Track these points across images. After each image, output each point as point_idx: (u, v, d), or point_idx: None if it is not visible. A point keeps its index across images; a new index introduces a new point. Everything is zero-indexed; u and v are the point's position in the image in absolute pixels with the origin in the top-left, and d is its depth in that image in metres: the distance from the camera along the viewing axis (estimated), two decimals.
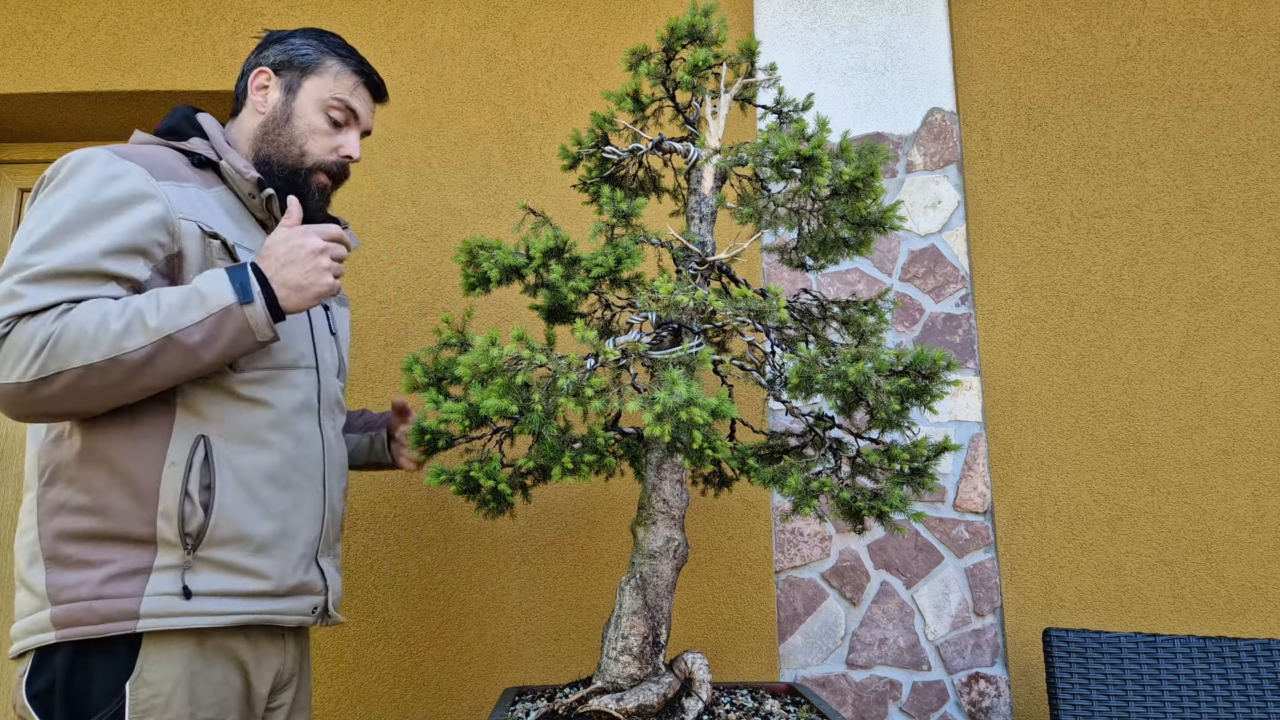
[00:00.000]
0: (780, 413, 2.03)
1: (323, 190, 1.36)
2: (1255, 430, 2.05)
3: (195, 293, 1.10)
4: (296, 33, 1.37)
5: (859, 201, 1.34)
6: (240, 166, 1.26)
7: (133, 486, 1.11)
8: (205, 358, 1.11)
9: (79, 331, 1.05)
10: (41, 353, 1.04)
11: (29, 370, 1.04)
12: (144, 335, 1.06)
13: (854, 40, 2.25)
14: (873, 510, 1.27)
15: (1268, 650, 1.73)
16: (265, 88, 1.33)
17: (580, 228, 2.11)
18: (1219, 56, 2.22)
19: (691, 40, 1.44)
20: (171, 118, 1.31)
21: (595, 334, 1.20)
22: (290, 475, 1.23)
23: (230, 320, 1.10)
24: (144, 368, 1.07)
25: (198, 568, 1.13)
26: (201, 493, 1.13)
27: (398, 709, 1.92)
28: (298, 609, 1.23)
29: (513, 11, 2.25)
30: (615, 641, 1.29)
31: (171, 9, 2.23)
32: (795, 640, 1.98)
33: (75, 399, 1.07)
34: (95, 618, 1.07)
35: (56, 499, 1.12)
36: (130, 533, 1.10)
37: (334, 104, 1.34)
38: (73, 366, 1.04)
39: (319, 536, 1.27)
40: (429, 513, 2.01)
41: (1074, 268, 2.13)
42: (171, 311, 1.08)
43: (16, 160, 2.37)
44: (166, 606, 1.10)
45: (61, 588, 1.09)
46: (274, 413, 1.22)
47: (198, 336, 1.09)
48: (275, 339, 1.16)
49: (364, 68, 1.38)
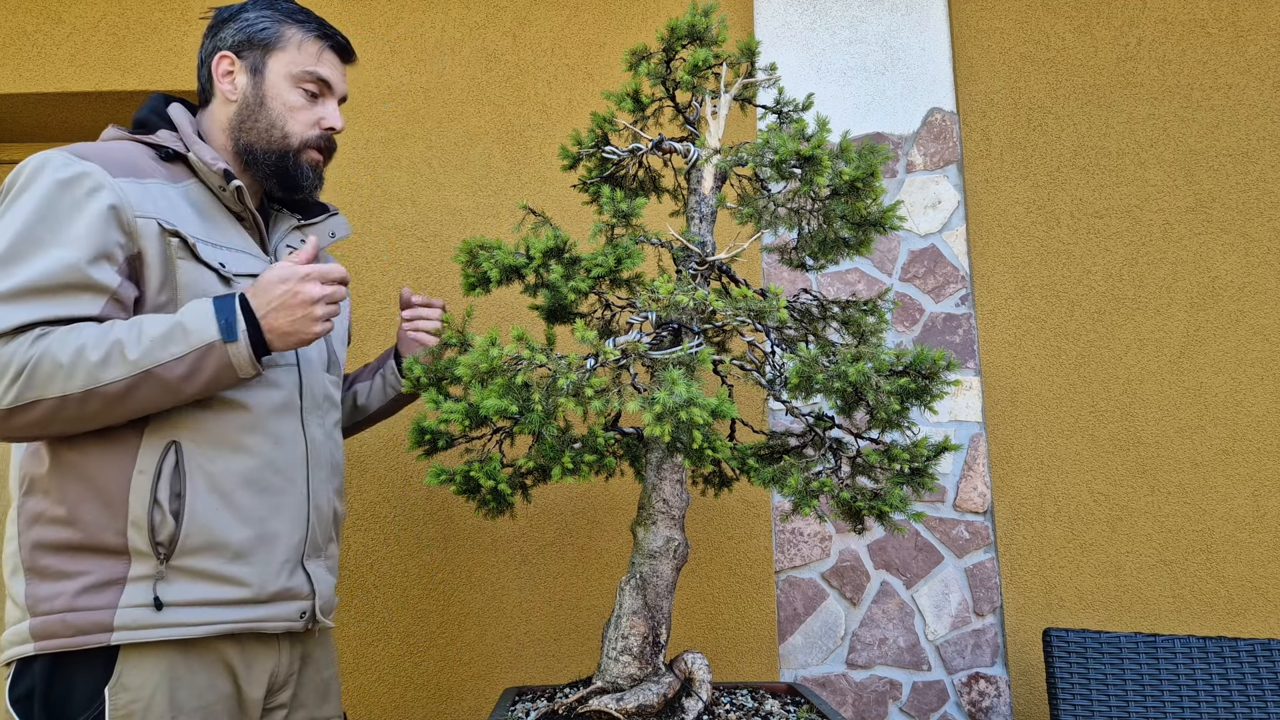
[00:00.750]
0: (780, 413, 2.03)
1: (315, 167, 1.32)
2: (1255, 430, 2.05)
3: (179, 326, 1.08)
4: (247, 5, 1.31)
5: (859, 201, 1.34)
6: (208, 158, 1.21)
7: (104, 496, 1.09)
8: (188, 390, 1.09)
9: (54, 362, 1.03)
10: (18, 381, 1.02)
11: (4, 398, 1.02)
12: (123, 368, 1.05)
13: (854, 40, 2.25)
14: (873, 510, 1.27)
15: (1268, 650, 1.74)
16: (230, 73, 1.28)
17: (580, 228, 2.11)
18: (1219, 56, 2.22)
19: (691, 40, 1.44)
20: (143, 108, 1.28)
21: (595, 334, 1.20)
22: (269, 478, 1.19)
23: (212, 357, 1.08)
24: (123, 399, 1.06)
25: (172, 577, 1.10)
26: (172, 500, 1.10)
27: (398, 709, 1.92)
28: (282, 615, 1.20)
29: (513, 11, 2.25)
30: (615, 641, 1.29)
31: (171, 9, 2.23)
32: (795, 640, 1.98)
33: (53, 425, 1.06)
34: (70, 630, 1.06)
35: (34, 509, 1.11)
36: (103, 543, 1.08)
37: (304, 77, 1.29)
38: (49, 397, 1.03)
39: (304, 540, 1.24)
40: (429, 513, 2.01)
41: (1074, 268, 2.13)
42: (153, 346, 1.06)
43: (17, 160, 2.37)
44: (140, 619, 1.08)
45: (39, 599, 1.08)
46: (250, 415, 1.18)
47: (179, 371, 1.07)
48: (259, 374, 1.14)
49: (325, 29, 1.32)
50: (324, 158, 1.34)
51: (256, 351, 1.12)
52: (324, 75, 1.31)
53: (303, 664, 1.29)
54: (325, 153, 1.34)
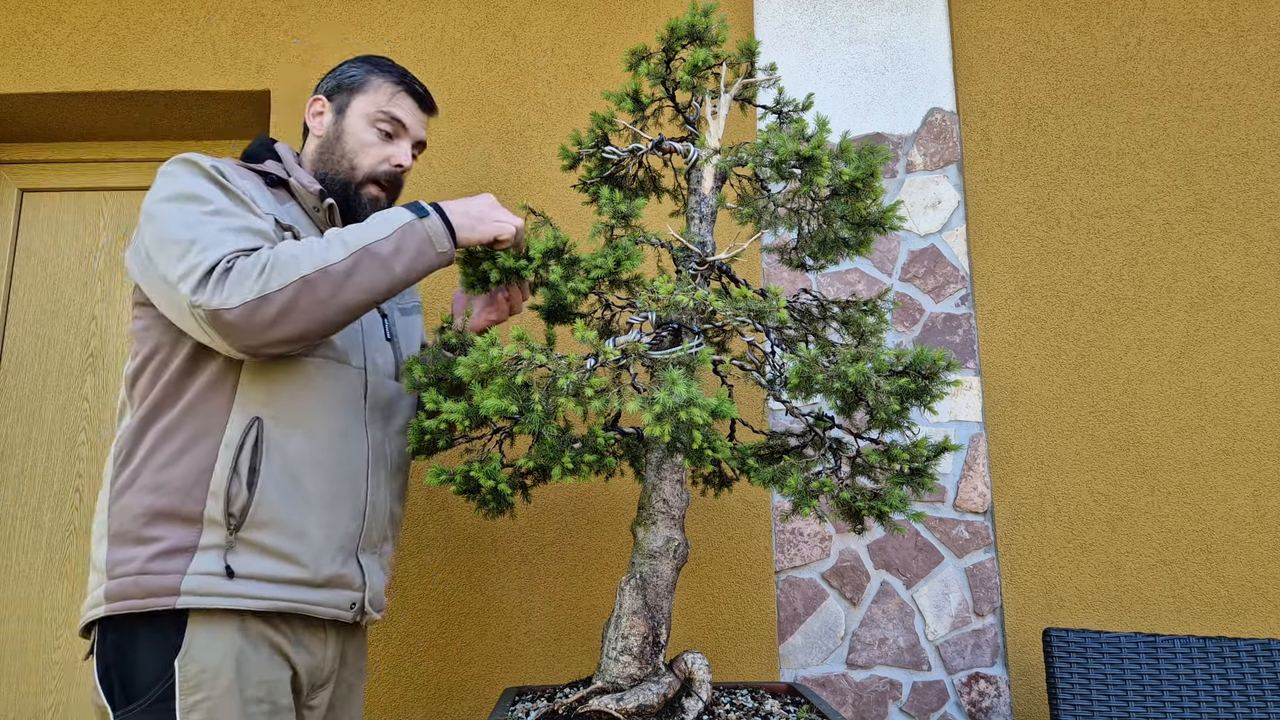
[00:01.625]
0: (780, 413, 2.03)
1: (374, 202, 1.43)
2: (1255, 430, 2.05)
3: (380, 216, 1.25)
4: (347, 61, 1.48)
5: (859, 201, 1.34)
6: (305, 181, 1.37)
7: (192, 464, 1.18)
8: (396, 269, 1.22)
9: (289, 254, 1.16)
10: (263, 274, 1.13)
11: (253, 289, 1.12)
12: (344, 249, 1.19)
13: (854, 40, 2.25)
14: (873, 510, 1.27)
15: (1268, 650, 1.74)
16: (320, 113, 1.44)
17: (580, 228, 2.11)
18: (1219, 56, 2.22)
19: (691, 40, 1.44)
20: (252, 145, 1.44)
21: (595, 334, 1.20)
22: (333, 466, 1.27)
23: (413, 233, 1.24)
24: (350, 277, 1.18)
25: (239, 549, 1.17)
26: (249, 474, 1.19)
27: (398, 709, 1.92)
28: (333, 602, 1.25)
29: (513, 11, 2.25)
30: (615, 641, 1.29)
31: (171, 9, 2.23)
32: (795, 640, 1.98)
33: (291, 316, 1.15)
34: (141, 592, 1.14)
35: (125, 479, 1.19)
36: (183, 510, 1.16)
37: (379, 116, 1.42)
38: (290, 281, 1.14)
39: (359, 532, 1.30)
40: (429, 513, 2.01)
41: (1074, 268, 2.13)
42: (363, 231, 1.22)
43: (16, 160, 2.37)
44: (207, 586, 1.15)
45: (116, 563, 1.16)
46: (324, 403, 1.27)
47: (388, 248, 1.21)
48: (454, 255, 1.30)
49: (406, 78, 1.46)
50: (387, 194, 1.45)
51: (450, 236, 1.28)
52: (397, 115, 1.43)
53: (340, 664, 1.35)
54: (388, 190, 1.45)
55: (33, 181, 2.36)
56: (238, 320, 1.12)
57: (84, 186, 2.36)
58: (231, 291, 1.12)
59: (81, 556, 2.17)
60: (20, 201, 2.35)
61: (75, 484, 2.21)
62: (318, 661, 1.28)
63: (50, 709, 2.10)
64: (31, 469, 2.21)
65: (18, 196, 2.35)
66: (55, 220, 2.35)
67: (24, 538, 2.18)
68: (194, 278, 1.13)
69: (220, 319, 1.12)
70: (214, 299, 1.12)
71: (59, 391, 2.25)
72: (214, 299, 1.12)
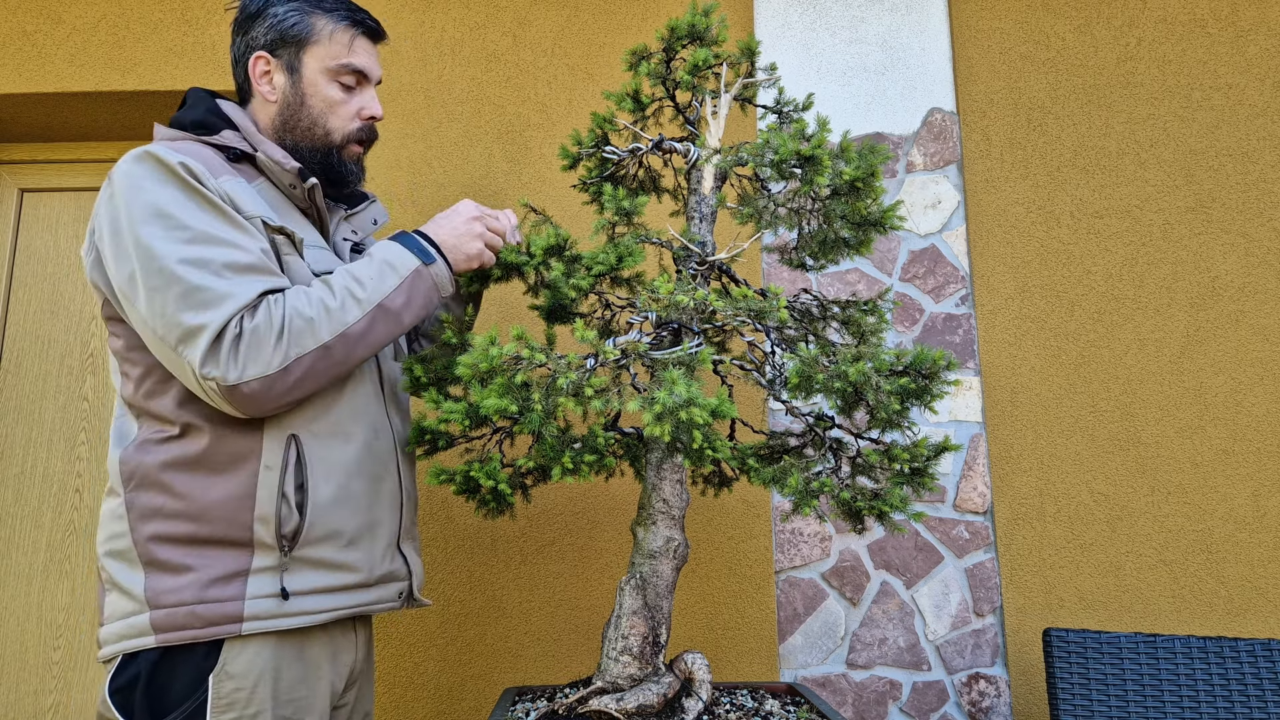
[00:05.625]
0: (780, 413, 2.03)
1: (357, 161, 1.35)
2: (1255, 430, 2.05)
3: (384, 263, 1.17)
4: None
5: (859, 201, 1.34)
6: (278, 158, 1.22)
7: (230, 491, 1.10)
8: (405, 320, 1.18)
9: (305, 318, 1.09)
10: (280, 341, 1.06)
11: (271, 362, 1.06)
12: (359, 308, 1.13)
13: (854, 40, 2.25)
14: (873, 510, 1.27)
15: (1268, 650, 1.73)
16: (268, 73, 1.28)
17: (580, 228, 2.11)
18: (1219, 56, 2.22)
19: (691, 40, 1.44)
20: (194, 110, 1.25)
21: (595, 334, 1.20)
22: (371, 466, 1.24)
23: (421, 282, 1.19)
24: (363, 338, 1.14)
25: (294, 568, 1.13)
26: (296, 493, 1.13)
27: (398, 709, 1.92)
28: (385, 596, 1.25)
29: (513, 11, 2.25)
30: (615, 641, 1.29)
31: (171, 9, 2.23)
32: (795, 640, 1.98)
33: (306, 383, 1.10)
34: (199, 622, 1.07)
35: (149, 504, 1.10)
36: (227, 536, 1.10)
37: (340, 70, 1.28)
38: (309, 351, 1.08)
39: (399, 523, 1.28)
40: (429, 513, 2.01)
41: (1074, 268, 2.13)
42: (372, 282, 1.15)
43: (16, 160, 2.37)
44: (268, 609, 1.10)
45: (161, 592, 1.08)
46: (353, 404, 1.22)
47: (400, 301, 1.17)
48: (455, 294, 1.26)
49: (355, 15, 1.30)
50: (364, 148, 1.36)
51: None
52: (359, 66, 1.30)
53: (366, 665, 1.34)
54: (366, 143, 1.35)
55: (33, 181, 2.36)
56: (256, 393, 1.06)
57: (84, 186, 2.37)
58: (248, 364, 1.04)
59: (81, 557, 2.17)
60: (20, 201, 2.35)
61: (75, 484, 2.21)
62: (351, 661, 1.26)
63: (50, 709, 2.10)
64: (31, 469, 2.21)
65: (18, 196, 2.35)
66: (55, 220, 2.35)
67: (24, 538, 2.18)
68: (200, 344, 1.03)
69: (238, 393, 1.05)
70: (230, 373, 1.04)
71: (59, 391, 2.25)
72: (230, 373, 1.04)
